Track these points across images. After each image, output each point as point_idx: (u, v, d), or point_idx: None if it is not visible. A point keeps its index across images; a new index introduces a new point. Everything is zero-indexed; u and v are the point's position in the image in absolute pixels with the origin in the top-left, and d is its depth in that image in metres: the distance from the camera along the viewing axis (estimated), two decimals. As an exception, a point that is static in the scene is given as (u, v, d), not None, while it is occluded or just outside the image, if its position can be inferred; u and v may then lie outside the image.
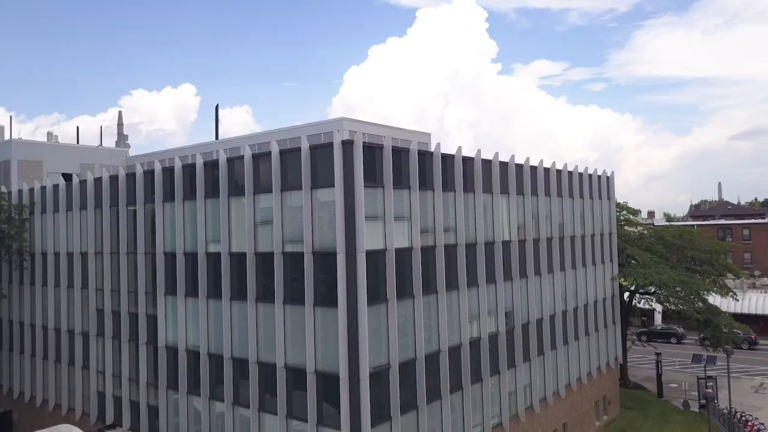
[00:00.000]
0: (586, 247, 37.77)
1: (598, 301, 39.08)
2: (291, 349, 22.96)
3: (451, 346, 25.52)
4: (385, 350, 22.25)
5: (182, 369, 26.94)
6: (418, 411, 23.50)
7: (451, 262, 25.92)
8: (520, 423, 30.01)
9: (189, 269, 26.87)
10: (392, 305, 22.43)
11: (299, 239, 22.65)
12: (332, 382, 21.48)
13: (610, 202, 42.03)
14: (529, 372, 31.03)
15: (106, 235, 31.15)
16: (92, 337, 31.92)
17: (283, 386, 22.99)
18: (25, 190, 37.05)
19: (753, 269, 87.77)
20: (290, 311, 22.94)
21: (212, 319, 25.89)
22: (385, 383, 22.16)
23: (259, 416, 23.86)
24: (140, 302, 29.14)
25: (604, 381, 39.51)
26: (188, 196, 26.92)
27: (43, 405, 35.14)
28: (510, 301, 29.88)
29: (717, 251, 46.38)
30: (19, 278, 37.44)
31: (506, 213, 30.09)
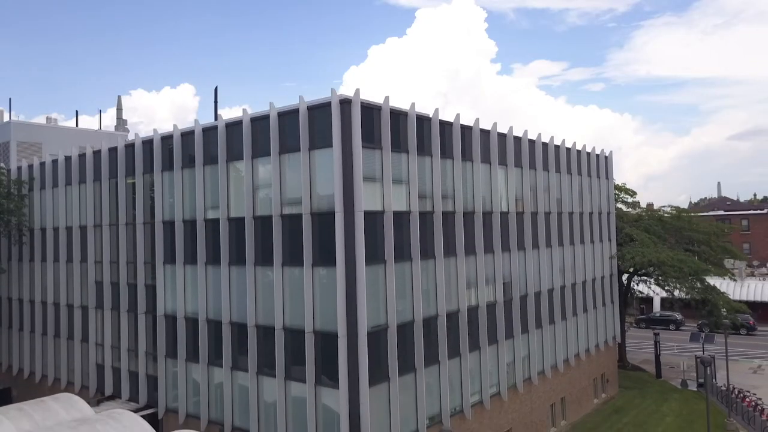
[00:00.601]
0: (584, 225, 37.83)
1: (596, 279, 39.16)
2: (290, 310, 23.02)
3: (449, 311, 25.59)
4: (383, 311, 22.31)
5: (181, 337, 27.01)
6: (416, 374, 23.56)
7: (449, 228, 25.99)
8: (518, 394, 30.08)
9: (188, 237, 26.94)
10: (390, 267, 22.49)
11: (297, 201, 22.72)
12: (330, 341, 21.55)
13: (608, 182, 42.11)
14: (527, 344, 31.10)
15: (105, 208, 31.22)
16: (91, 310, 31.98)
17: (281, 348, 23.05)
18: (24, 167, 37.10)
19: (752, 259, 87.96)
20: (289, 273, 23.01)
21: (211, 285, 25.95)
22: (383, 343, 22.23)
23: (258, 380, 23.93)
24: (139, 272, 29.21)
25: (602, 359, 39.58)
26: (187, 164, 26.99)
27: (42, 380, 35.21)
28: (508, 272, 29.94)
29: (715, 233, 46.44)
30: (18, 255, 37.52)
31: (504, 184, 30.16)
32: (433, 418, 24.31)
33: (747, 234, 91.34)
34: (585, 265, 37.68)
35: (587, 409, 36.93)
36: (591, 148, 39.68)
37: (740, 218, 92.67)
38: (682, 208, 47.41)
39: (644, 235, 43.16)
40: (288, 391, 22.97)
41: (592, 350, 37.98)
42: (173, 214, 27.49)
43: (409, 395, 23.28)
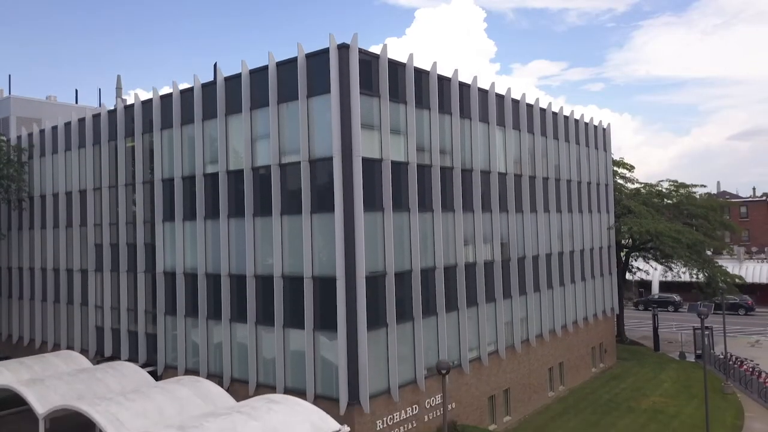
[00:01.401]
0: (582, 194, 37.96)
1: (594, 249, 39.27)
2: (288, 258, 23.14)
3: (447, 265, 25.69)
4: (380, 258, 22.42)
5: (180, 293, 27.11)
6: (414, 323, 23.66)
7: (447, 183, 26.10)
8: (516, 355, 30.19)
9: (187, 193, 27.06)
10: (388, 216, 22.59)
11: (296, 150, 22.84)
12: (329, 285, 21.67)
13: (606, 154, 42.24)
14: (525, 306, 31.19)
15: (104, 170, 31.34)
16: (90, 273, 32.09)
17: (280, 297, 23.17)
18: (24, 135, 37.21)
19: (750, 246, 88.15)
20: (287, 221, 23.13)
21: (210, 239, 26.06)
22: (381, 290, 22.34)
23: (257, 330, 24.04)
24: (138, 232, 29.33)
25: (600, 329, 39.70)
26: (186, 120, 27.10)
27: (42, 346, 35.31)
28: (506, 233, 30.06)
29: (713, 207, 46.55)
30: (18, 223, 37.63)
31: (502, 146, 30.26)
32: (431, 369, 24.40)
33: (746, 221, 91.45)
34: (583, 234, 37.79)
35: (585, 377, 37.04)
36: (589, 118, 39.82)
37: (739, 206, 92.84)
38: (681, 182, 47.44)
39: (642, 207, 43.27)
40: (287, 340, 23.08)
41: (590, 319, 38.10)
42: (172, 172, 27.60)
43: (407, 344, 23.39)
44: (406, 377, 23.22)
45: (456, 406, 25.56)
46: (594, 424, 28.86)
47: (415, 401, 23.52)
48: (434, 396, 24.28)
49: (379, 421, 21.78)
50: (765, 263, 70.65)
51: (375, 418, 21.63)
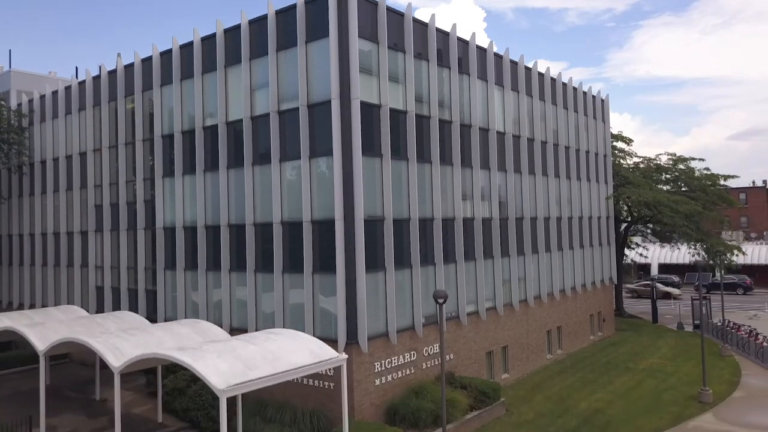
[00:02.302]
0: (580, 162, 38.10)
1: (592, 218, 39.41)
2: (287, 204, 23.29)
3: (445, 218, 25.83)
4: (379, 204, 22.56)
5: (180, 247, 27.27)
6: (412, 271, 23.81)
7: (445, 136, 26.24)
8: (514, 313, 30.33)
9: (186, 147, 27.21)
10: (386, 161, 22.73)
11: (294, 96, 22.98)
12: (328, 228, 21.82)
13: (605, 125, 42.38)
14: (523, 266, 31.33)
15: (104, 131, 31.50)
16: (90, 234, 32.25)
17: (279, 243, 23.31)
18: (25, 101, 37.38)
19: (750, 232, 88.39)
20: (287, 167, 23.28)
21: (209, 192, 26.21)
22: (380, 234, 22.48)
23: (256, 277, 24.18)
24: (138, 190, 29.49)
25: (599, 298, 39.84)
26: (186, 75, 27.24)
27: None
28: (504, 192, 30.20)
29: (711, 178, 46.61)
30: (18, 190, 37.78)
31: (501, 105, 30.40)
32: (429, 317, 24.56)
33: (745, 208, 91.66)
34: (581, 202, 37.93)
35: (583, 344, 37.19)
36: (587, 87, 39.96)
37: (738, 192, 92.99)
38: (680, 155, 47.54)
39: (640, 179, 43.41)
40: (286, 285, 23.22)
41: (588, 287, 38.24)
42: (172, 127, 27.75)
43: (405, 291, 23.53)
44: (404, 323, 23.36)
45: (454, 358, 25.71)
46: (592, 382, 29.01)
47: (413, 348, 23.66)
48: (432, 345, 24.43)
49: (377, 363, 21.92)
50: (764, 245, 70.80)
51: (373, 360, 21.77)
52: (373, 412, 21.49)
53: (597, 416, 23.91)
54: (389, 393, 22.25)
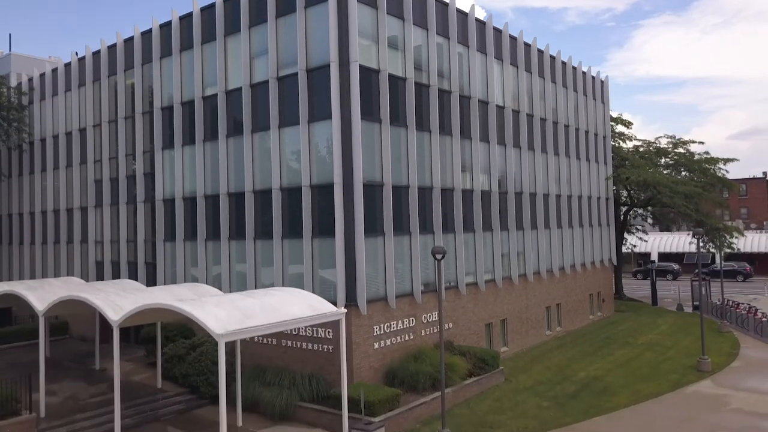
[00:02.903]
0: (580, 141, 38.12)
1: (592, 198, 39.42)
2: (286, 170, 23.32)
3: (444, 187, 25.86)
4: (378, 169, 22.59)
5: (179, 218, 27.30)
6: (411, 238, 23.83)
7: (444, 106, 26.26)
8: (513, 287, 30.35)
9: (186, 118, 27.23)
10: (385, 126, 22.77)
11: (293, 62, 23.00)
12: (327, 192, 21.85)
13: (604, 106, 42.39)
14: (522, 241, 31.35)
15: (104, 106, 31.52)
16: (90, 209, 32.27)
17: (279, 209, 23.34)
18: (24, 80, 37.42)
19: (750, 223, 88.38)
20: (286, 133, 23.30)
21: (209, 161, 26.23)
22: (378, 199, 22.50)
23: (255, 245, 24.21)
24: (138, 163, 29.52)
25: (598, 277, 39.86)
26: (185, 47, 27.26)
27: (42, 288, 35.44)
28: (503, 166, 30.22)
29: (712, 161, 46.57)
30: (18, 169, 37.82)
31: (500, 79, 30.42)
32: (428, 285, 24.59)
33: (745, 199, 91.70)
34: (581, 181, 37.95)
35: (583, 323, 37.20)
36: (587, 68, 39.97)
37: (738, 183, 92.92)
38: (679, 137, 47.55)
39: (640, 160, 43.42)
40: (285, 250, 23.25)
41: (587, 266, 38.26)
42: (171, 99, 27.77)
43: (404, 257, 23.55)
44: (403, 289, 23.40)
45: (453, 327, 25.73)
46: (591, 354, 29.05)
47: (412, 314, 23.69)
48: (431, 312, 24.45)
49: (376, 327, 21.95)
50: (763, 233, 70.88)
51: (372, 323, 21.81)
52: (372, 375, 21.52)
53: (595, 383, 23.95)
54: (388, 357, 22.28)
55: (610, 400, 21.63)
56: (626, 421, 19.65)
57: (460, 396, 21.97)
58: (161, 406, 21.79)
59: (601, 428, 18.94)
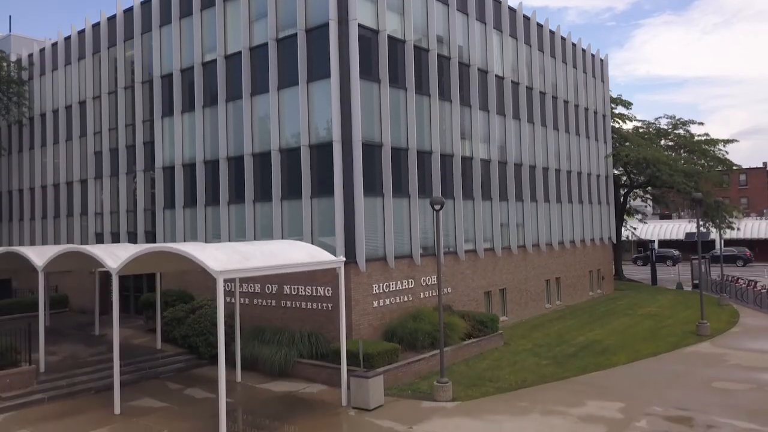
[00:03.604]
0: (579, 118, 38.12)
1: (591, 175, 39.43)
2: (286, 131, 23.34)
3: (443, 153, 25.88)
4: (377, 129, 22.60)
5: (179, 185, 27.32)
6: (410, 201, 23.85)
7: (444, 71, 26.29)
8: (512, 256, 30.37)
9: (185, 85, 27.25)
10: (384, 87, 22.79)
11: (292, 23, 23.00)
12: (326, 151, 21.87)
13: (604, 86, 42.40)
14: (522, 213, 31.37)
15: (104, 77, 31.54)
16: (90, 181, 32.30)
17: (277, 170, 23.35)
18: (24, 56, 37.44)
19: (749, 212, 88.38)
20: (285, 94, 23.32)
21: (208, 127, 26.25)
22: (378, 160, 22.52)
23: (255, 207, 24.24)
24: (137, 133, 29.55)
25: (598, 255, 39.87)
26: (185, 14, 27.25)
27: (42, 263, 35.47)
28: (502, 137, 30.24)
29: (712, 142, 46.60)
30: (18, 145, 37.84)
31: (500, 49, 30.43)
32: (427, 249, 24.61)
33: (745, 189, 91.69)
34: (580, 158, 37.95)
35: (582, 299, 37.20)
36: (587, 45, 39.97)
37: (738, 173, 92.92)
38: (678, 118, 47.53)
39: (640, 140, 43.42)
40: (284, 211, 23.26)
41: (587, 242, 38.27)
42: (171, 66, 27.79)
43: (403, 219, 23.57)
44: (402, 251, 23.41)
45: (452, 292, 25.75)
46: (590, 323, 29.06)
47: (411, 276, 23.72)
48: (430, 275, 24.47)
49: (375, 286, 21.98)
50: (763, 220, 70.96)
51: (371, 282, 21.83)
52: (371, 333, 21.54)
53: (594, 345, 23.98)
54: (387, 317, 22.30)
55: (609, 358, 21.65)
56: (623, 374, 19.68)
57: (459, 356, 21.98)
58: (160, 364, 21.84)
59: (599, 380, 18.97)
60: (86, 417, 16.62)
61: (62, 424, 16.03)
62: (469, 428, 14.81)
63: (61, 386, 18.90)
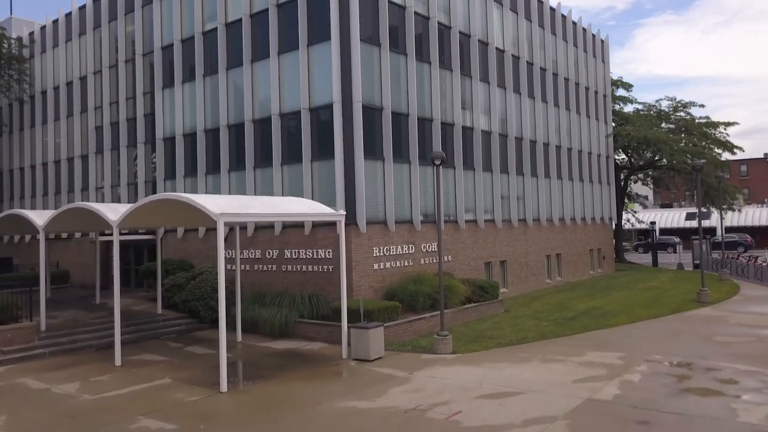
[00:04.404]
0: (580, 96, 38.11)
1: (592, 154, 39.42)
2: (286, 96, 23.36)
3: (444, 121, 25.89)
4: (377, 93, 22.62)
5: (179, 155, 27.34)
6: (410, 167, 23.87)
7: (444, 40, 26.30)
8: (513, 228, 30.37)
9: (186, 55, 27.26)
10: (385, 51, 22.81)
11: (293, -13, 23.04)
12: (326, 114, 21.91)
13: (604, 66, 42.38)
14: (522, 187, 31.38)
15: (105, 51, 31.57)
16: (91, 156, 32.32)
17: (278, 135, 23.38)
18: (25, 34, 37.48)
19: (750, 203, 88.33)
20: (286, 59, 23.34)
21: (209, 96, 26.27)
22: (378, 124, 22.54)
23: (255, 173, 24.26)
24: (138, 105, 29.57)
25: (599, 235, 39.85)
26: (185, -16, 27.31)
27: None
28: (503, 110, 30.24)
29: (713, 125, 46.53)
30: (19, 123, 37.87)
31: (500, 23, 30.42)
32: (427, 216, 24.63)
33: (746, 179, 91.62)
34: (580, 136, 37.94)
35: (583, 276, 37.19)
36: (587, 24, 39.98)
37: (739, 164, 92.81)
38: (679, 100, 47.47)
39: (641, 119, 43.41)
40: (285, 176, 23.29)
41: (588, 220, 38.26)
42: (171, 37, 27.80)
43: (404, 185, 23.59)
44: (403, 216, 23.43)
45: (452, 260, 25.76)
46: (590, 295, 29.05)
47: (411, 241, 23.74)
48: (430, 242, 24.48)
49: (376, 248, 22.00)
50: (764, 207, 71.00)
51: (372, 244, 21.85)
52: (372, 295, 21.55)
53: (595, 310, 24.00)
54: (387, 280, 22.32)
55: (609, 320, 21.66)
56: (624, 332, 19.69)
57: (459, 319, 21.99)
58: (161, 326, 21.90)
59: (599, 336, 18.99)
60: (87, 368, 16.67)
61: (64, 373, 16.08)
62: (469, 373, 14.83)
63: (62, 342, 18.96)
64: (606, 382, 13.56)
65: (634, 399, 12.24)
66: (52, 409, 12.91)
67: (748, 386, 12.98)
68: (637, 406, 11.81)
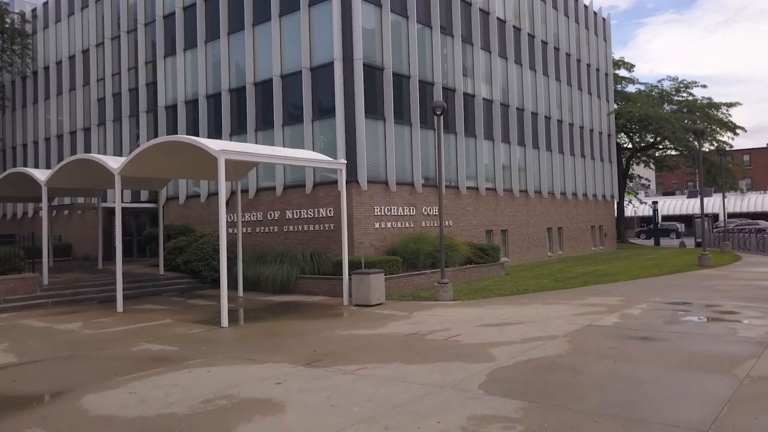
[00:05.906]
0: (581, 72, 38.08)
1: (594, 131, 39.38)
2: (287, 57, 23.40)
3: (445, 86, 25.91)
4: (378, 52, 22.66)
5: (181, 122, 27.40)
6: (412, 129, 23.90)
7: (444, 6, 26.29)
8: (514, 199, 30.38)
9: (188, 21, 27.33)
10: (386, 12, 22.84)
11: (295, -51, 23.09)
12: (327, 73, 21.93)
13: (606, 44, 42.33)
14: (524, 157, 31.38)
15: (107, 24, 31.64)
16: (93, 128, 32.41)
17: (279, 96, 23.42)
18: (28, 11, 37.60)
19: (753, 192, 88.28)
20: (286, 20, 23.38)
21: (210, 62, 26.34)
22: (379, 83, 22.58)
23: (257, 136, 24.30)
24: (140, 75, 29.63)
25: (600, 212, 39.82)
26: (187, -49, 27.37)
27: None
28: (505, 80, 30.25)
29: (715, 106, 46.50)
30: (22, 100, 37.97)
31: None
32: (428, 179, 24.65)
33: (748, 169, 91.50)
34: (582, 112, 37.90)
35: (585, 252, 37.17)
36: (588, 1, 39.96)
37: (742, 154, 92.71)
38: (681, 80, 47.45)
39: (643, 98, 43.38)
40: (286, 137, 23.34)
41: (589, 197, 38.23)
42: (173, 5, 27.86)
43: (405, 147, 23.62)
44: (404, 178, 23.46)
45: (453, 225, 25.77)
46: (591, 264, 29.05)
47: (412, 204, 23.77)
48: (431, 206, 24.49)
49: (377, 208, 22.03)
50: (766, 194, 70.94)
51: (373, 203, 21.88)
52: (373, 252, 21.56)
53: (596, 272, 24.04)
54: (388, 239, 22.36)
55: (610, 278, 21.68)
56: (624, 285, 19.71)
57: (460, 277, 22.02)
58: (163, 284, 21.98)
59: (600, 288, 19.00)
60: (89, 314, 16.74)
61: (67, 317, 16.15)
62: (469, 312, 14.87)
63: (65, 294, 19.04)
64: (606, 315, 13.60)
65: (633, 325, 12.28)
66: (54, 340, 12.98)
67: (749, 315, 13.01)
68: (636, 329, 11.84)
